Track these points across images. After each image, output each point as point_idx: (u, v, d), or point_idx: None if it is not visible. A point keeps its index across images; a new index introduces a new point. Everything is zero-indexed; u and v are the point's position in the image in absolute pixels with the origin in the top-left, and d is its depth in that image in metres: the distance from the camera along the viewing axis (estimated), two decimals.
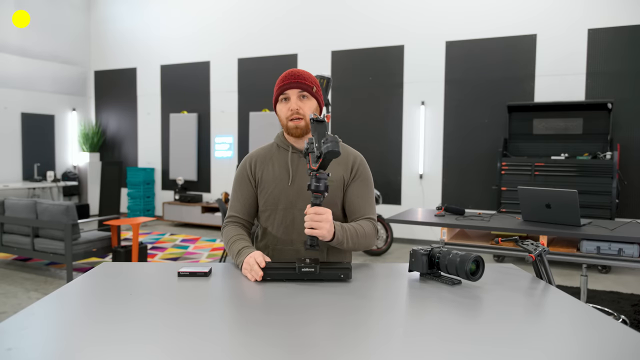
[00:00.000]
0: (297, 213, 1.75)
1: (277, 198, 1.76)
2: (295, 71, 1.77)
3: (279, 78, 1.78)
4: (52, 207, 4.65)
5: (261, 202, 1.80)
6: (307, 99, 1.75)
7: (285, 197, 1.75)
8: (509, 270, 1.70)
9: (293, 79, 1.74)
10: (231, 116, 8.05)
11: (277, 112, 1.80)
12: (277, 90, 1.77)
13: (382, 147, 6.83)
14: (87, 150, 8.96)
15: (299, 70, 1.78)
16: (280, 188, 1.76)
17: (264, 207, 1.79)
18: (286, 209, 1.76)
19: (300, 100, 1.74)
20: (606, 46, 5.71)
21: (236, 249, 1.68)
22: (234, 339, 1.09)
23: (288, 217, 1.75)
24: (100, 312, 1.24)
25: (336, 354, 1.00)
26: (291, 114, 1.73)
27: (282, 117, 1.77)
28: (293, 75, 1.75)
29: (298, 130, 1.74)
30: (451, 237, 3.52)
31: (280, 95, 1.76)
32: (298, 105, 1.73)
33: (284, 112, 1.75)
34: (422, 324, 1.22)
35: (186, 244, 6.56)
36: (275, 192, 1.76)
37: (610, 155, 5.28)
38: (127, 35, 8.92)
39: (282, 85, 1.75)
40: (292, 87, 1.73)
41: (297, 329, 1.13)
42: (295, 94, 1.74)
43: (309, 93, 1.75)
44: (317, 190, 1.50)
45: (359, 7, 6.99)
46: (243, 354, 1.00)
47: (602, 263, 3.07)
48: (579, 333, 1.17)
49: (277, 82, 1.78)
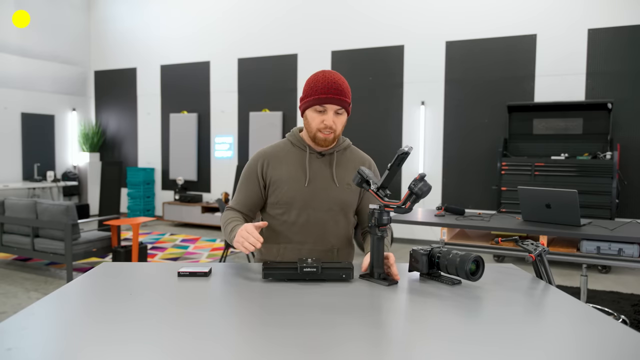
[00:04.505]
0: (311, 213, 1.76)
1: (293, 198, 1.76)
2: (337, 83, 1.68)
3: (317, 83, 1.69)
4: (52, 207, 4.65)
5: (273, 199, 1.79)
6: (342, 115, 1.73)
7: (301, 197, 1.75)
8: (509, 270, 1.70)
9: (336, 95, 1.67)
10: (231, 116, 8.05)
11: (307, 118, 1.73)
12: (314, 99, 1.68)
13: (382, 147, 6.82)
14: (87, 150, 8.96)
15: (339, 81, 1.70)
16: (296, 188, 1.75)
17: (277, 205, 1.78)
18: (301, 208, 1.76)
19: (336, 116, 1.71)
20: (606, 46, 5.71)
21: (229, 230, 1.70)
22: (234, 339, 1.09)
23: (302, 217, 1.76)
24: (100, 312, 1.24)
25: (337, 354, 1.00)
26: (324, 127, 1.70)
27: (312, 125, 1.72)
28: (336, 89, 1.67)
29: (326, 142, 1.74)
30: (451, 237, 3.52)
31: (316, 105, 1.69)
32: (333, 121, 1.70)
33: (317, 123, 1.71)
34: (422, 324, 1.22)
35: (186, 244, 6.56)
36: (290, 191, 1.76)
37: (610, 155, 5.28)
38: (127, 35, 8.92)
39: (322, 97, 1.67)
40: (333, 103, 1.68)
41: (298, 329, 1.13)
42: (333, 109, 1.69)
43: (345, 109, 1.72)
44: (383, 224, 1.52)
45: (359, 7, 6.99)
46: (243, 354, 1.00)
47: (602, 263, 3.07)
48: (579, 333, 1.17)
49: (315, 88, 1.69)
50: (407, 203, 1.46)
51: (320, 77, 1.69)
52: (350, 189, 1.79)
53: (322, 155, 1.80)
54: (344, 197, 1.78)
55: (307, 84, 1.72)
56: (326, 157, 1.80)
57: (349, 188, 1.78)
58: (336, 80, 1.69)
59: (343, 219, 1.81)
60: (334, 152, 1.81)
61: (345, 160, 1.83)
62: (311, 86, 1.70)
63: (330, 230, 1.78)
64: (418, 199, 1.45)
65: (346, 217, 1.82)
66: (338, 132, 1.74)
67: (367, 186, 1.57)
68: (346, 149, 1.85)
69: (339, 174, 1.79)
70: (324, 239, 1.78)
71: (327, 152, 1.80)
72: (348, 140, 1.88)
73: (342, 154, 1.83)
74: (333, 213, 1.77)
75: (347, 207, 1.80)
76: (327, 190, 1.76)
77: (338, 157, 1.81)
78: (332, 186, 1.77)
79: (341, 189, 1.77)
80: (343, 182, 1.78)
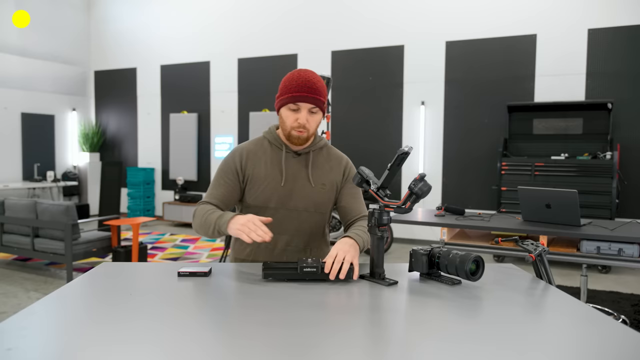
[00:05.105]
0: (286, 213, 1.76)
1: (268, 197, 1.75)
2: (311, 82, 1.67)
3: (291, 82, 1.68)
4: (52, 207, 4.65)
5: (249, 198, 1.78)
6: (316, 114, 1.72)
7: (277, 197, 1.75)
8: (509, 270, 1.70)
9: (310, 93, 1.66)
10: (231, 116, 8.05)
11: (282, 116, 1.73)
12: (287, 97, 1.68)
13: (382, 147, 6.82)
14: (87, 150, 8.96)
15: (314, 80, 1.69)
16: (272, 188, 1.75)
17: (253, 204, 1.78)
18: (276, 208, 1.76)
19: (310, 114, 1.70)
20: (606, 46, 5.71)
21: (216, 215, 1.64)
22: (234, 339, 1.09)
23: (277, 217, 1.74)
24: (100, 312, 1.24)
25: (337, 354, 1.00)
26: (298, 126, 1.70)
27: (286, 123, 1.72)
28: (310, 88, 1.66)
29: (300, 141, 1.73)
30: (451, 237, 3.52)
31: (290, 103, 1.69)
32: (307, 120, 1.70)
33: (291, 121, 1.70)
34: (422, 324, 1.22)
35: (186, 244, 6.56)
36: (266, 191, 1.75)
37: (610, 155, 5.28)
38: (127, 35, 8.92)
39: (296, 95, 1.66)
40: (306, 102, 1.67)
41: (298, 329, 1.13)
42: (307, 107, 1.69)
43: (319, 108, 1.71)
44: (383, 224, 1.52)
45: (359, 7, 6.99)
46: (244, 354, 1.00)
47: (602, 263, 3.07)
48: (579, 333, 1.17)
49: (289, 86, 1.68)
50: (407, 203, 1.46)
51: (295, 75, 1.69)
52: (325, 189, 1.79)
53: (298, 155, 1.79)
54: (319, 197, 1.77)
55: (282, 82, 1.72)
56: (302, 156, 1.80)
57: (324, 188, 1.79)
58: (310, 79, 1.68)
59: (318, 218, 1.81)
60: (310, 151, 1.80)
61: (322, 159, 1.82)
62: (286, 84, 1.70)
63: (304, 229, 1.79)
64: (418, 199, 1.45)
65: (321, 217, 1.82)
66: (312, 131, 1.74)
67: (367, 186, 1.57)
68: (322, 149, 1.85)
69: (314, 174, 1.78)
70: (299, 238, 1.78)
71: (303, 151, 1.79)
72: (325, 140, 1.87)
73: (318, 153, 1.83)
74: (308, 213, 1.78)
75: (322, 207, 1.80)
76: (302, 190, 1.76)
77: (314, 156, 1.81)
78: (307, 186, 1.77)
79: (316, 189, 1.77)
80: (318, 182, 1.78)
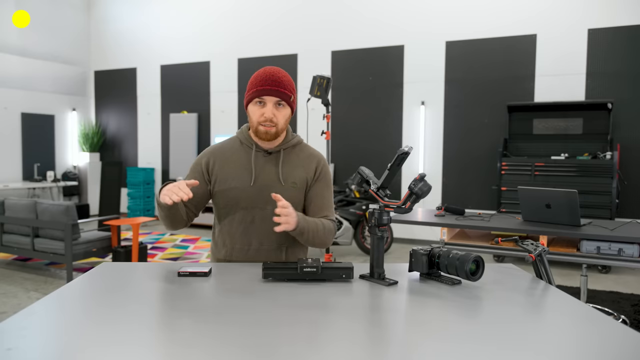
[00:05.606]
0: (257, 213, 1.74)
1: (238, 197, 1.74)
2: (275, 76, 1.68)
3: (256, 77, 1.69)
4: (52, 207, 4.65)
5: (221, 200, 1.77)
6: (283, 107, 1.71)
7: (246, 197, 1.73)
8: (509, 270, 1.70)
9: (273, 86, 1.67)
10: (231, 116, 8.05)
11: (249, 112, 1.73)
12: (252, 92, 1.69)
13: (382, 147, 6.82)
14: (87, 150, 8.96)
15: (279, 74, 1.70)
16: (242, 188, 1.73)
17: (224, 205, 1.77)
18: (246, 209, 1.74)
19: (276, 108, 1.69)
20: (606, 46, 5.71)
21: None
22: (234, 339, 1.09)
23: (247, 218, 1.74)
24: (100, 312, 1.24)
25: (337, 354, 1.00)
26: (264, 120, 1.69)
27: (253, 118, 1.71)
28: (273, 81, 1.67)
29: (268, 136, 1.71)
30: (451, 237, 3.52)
31: (255, 98, 1.69)
32: (273, 114, 1.68)
33: (257, 116, 1.70)
34: (422, 324, 1.22)
35: (186, 244, 6.56)
36: (235, 191, 1.74)
37: (610, 155, 5.28)
38: (127, 35, 8.92)
39: (260, 89, 1.67)
40: (270, 95, 1.67)
41: (298, 329, 1.13)
42: (272, 101, 1.68)
43: (286, 102, 1.70)
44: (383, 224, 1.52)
45: (359, 7, 6.99)
46: (244, 354, 1.00)
47: (602, 263, 3.07)
48: (579, 333, 1.17)
49: (254, 81, 1.69)
50: (407, 203, 1.46)
51: (261, 72, 1.71)
52: (296, 187, 1.76)
53: (269, 154, 1.78)
54: (289, 196, 1.71)
55: (249, 80, 1.73)
56: (273, 155, 1.78)
57: (295, 187, 1.76)
58: (274, 73, 1.69)
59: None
60: (281, 149, 1.78)
61: (294, 158, 1.80)
62: (251, 81, 1.72)
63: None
64: (418, 199, 1.45)
65: None
66: (281, 126, 1.72)
67: (367, 186, 1.56)
68: (295, 147, 1.82)
69: (285, 172, 1.76)
70: (272, 238, 1.75)
71: (274, 150, 1.77)
72: (299, 137, 1.85)
73: (290, 151, 1.80)
74: None
75: (293, 206, 1.74)
76: (272, 189, 1.71)
77: (285, 155, 1.79)
78: (277, 185, 1.74)
79: (287, 188, 1.74)
80: (289, 180, 1.76)
